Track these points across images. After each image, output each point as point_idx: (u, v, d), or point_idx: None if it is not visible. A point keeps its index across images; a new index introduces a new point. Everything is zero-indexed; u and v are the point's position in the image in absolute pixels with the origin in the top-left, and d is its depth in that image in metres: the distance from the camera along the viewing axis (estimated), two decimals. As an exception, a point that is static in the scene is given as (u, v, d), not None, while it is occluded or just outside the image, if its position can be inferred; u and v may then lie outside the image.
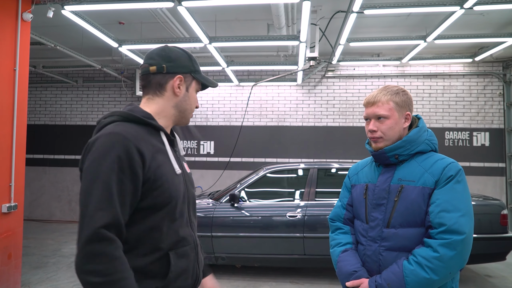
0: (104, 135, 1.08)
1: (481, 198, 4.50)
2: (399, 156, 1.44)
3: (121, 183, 1.03)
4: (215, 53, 5.60)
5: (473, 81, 7.15)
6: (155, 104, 1.24)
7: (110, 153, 1.03)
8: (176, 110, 1.26)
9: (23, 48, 3.71)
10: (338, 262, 1.51)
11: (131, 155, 1.05)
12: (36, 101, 8.22)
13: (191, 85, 1.28)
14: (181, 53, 1.27)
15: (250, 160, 7.53)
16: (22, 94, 3.72)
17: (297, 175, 4.90)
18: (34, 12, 3.82)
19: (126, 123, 1.14)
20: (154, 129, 1.20)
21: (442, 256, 1.26)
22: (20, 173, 3.71)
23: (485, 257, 4.17)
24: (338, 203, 1.68)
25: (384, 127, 1.45)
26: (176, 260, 1.14)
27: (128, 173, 1.04)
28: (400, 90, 1.48)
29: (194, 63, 1.28)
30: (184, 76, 1.25)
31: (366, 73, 7.37)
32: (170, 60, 1.23)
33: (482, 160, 7.01)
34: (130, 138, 1.07)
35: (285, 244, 4.27)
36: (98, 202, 1.00)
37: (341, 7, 4.84)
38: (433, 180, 1.36)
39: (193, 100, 1.29)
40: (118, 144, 1.05)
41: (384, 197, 1.43)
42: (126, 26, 5.65)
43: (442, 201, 1.32)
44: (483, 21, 5.38)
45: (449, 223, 1.28)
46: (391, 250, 1.39)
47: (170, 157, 1.19)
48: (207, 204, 4.55)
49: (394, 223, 1.39)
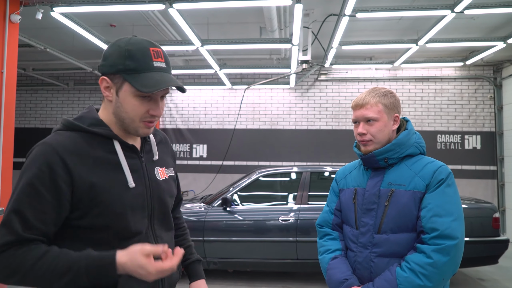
0: (37, 145, 1.02)
1: (472, 201, 4.51)
2: (388, 160, 1.41)
3: (37, 196, 0.94)
4: (208, 56, 5.58)
5: (464, 85, 7.21)
6: (103, 109, 1.11)
7: (33, 166, 0.97)
8: (115, 118, 1.08)
9: (11, 50, 3.65)
10: (328, 269, 1.46)
11: (53, 168, 0.96)
12: (27, 104, 8.11)
13: (122, 88, 1.03)
14: (116, 48, 1.03)
15: (243, 163, 7.50)
16: (10, 97, 3.65)
17: (290, 178, 4.88)
18: (23, 14, 3.77)
19: (68, 132, 1.04)
20: (102, 138, 1.06)
21: (436, 262, 1.24)
22: (7, 178, 3.63)
23: (477, 261, 4.18)
24: (325, 208, 1.63)
25: (374, 129, 1.42)
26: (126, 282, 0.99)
27: (50, 187, 0.95)
28: (388, 92, 1.46)
29: (127, 60, 1.01)
30: (112, 77, 1.03)
31: (359, 76, 7.39)
32: (104, 58, 1.05)
33: (473, 163, 7.06)
34: (58, 150, 0.97)
35: (277, 248, 4.23)
36: (6, 216, 0.94)
37: (334, 11, 4.85)
38: (424, 184, 1.34)
39: (129, 107, 1.04)
40: (42, 157, 0.97)
41: (374, 202, 1.40)
42: (117, 28, 5.60)
43: (434, 205, 1.30)
44: (473, 25, 5.43)
45: (441, 228, 1.26)
46: (382, 256, 1.36)
47: (123, 167, 1.05)
48: (199, 208, 4.50)
49: (385, 229, 1.36)
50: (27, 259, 0.91)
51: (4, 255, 0.91)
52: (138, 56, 1.02)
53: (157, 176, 1.17)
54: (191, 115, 7.73)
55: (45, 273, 0.91)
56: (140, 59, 1.02)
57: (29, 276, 0.92)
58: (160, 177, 1.18)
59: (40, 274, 0.91)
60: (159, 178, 1.17)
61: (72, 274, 0.91)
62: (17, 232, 0.92)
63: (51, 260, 0.92)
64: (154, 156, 1.19)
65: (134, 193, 1.06)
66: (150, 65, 1.03)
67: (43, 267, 0.91)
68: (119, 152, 1.06)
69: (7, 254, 0.91)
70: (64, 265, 0.92)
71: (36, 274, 0.91)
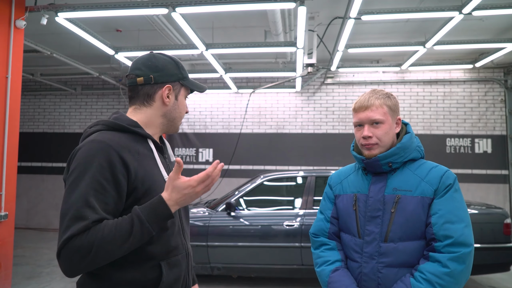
0: (87, 143, 1.08)
1: (483, 207, 4.39)
2: (392, 164, 1.35)
3: (101, 189, 1.01)
4: (212, 60, 5.57)
5: (474, 87, 7.08)
6: (142, 114, 1.23)
7: (92, 162, 1.03)
8: (164, 119, 1.25)
9: (16, 55, 3.67)
10: (330, 283, 1.36)
11: (113, 163, 1.04)
12: (35, 109, 8.21)
13: (180, 92, 1.26)
14: (168, 61, 1.24)
15: (249, 167, 7.45)
16: (15, 102, 3.67)
17: (295, 183, 4.81)
18: (30, 20, 3.80)
19: (111, 131, 1.14)
20: (140, 137, 1.19)
21: (453, 271, 1.18)
22: (11, 182, 3.64)
23: (488, 268, 4.06)
24: (319, 215, 1.53)
25: (380, 132, 1.35)
26: (168, 270, 1.12)
27: (111, 180, 1.03)
28: (389, 94, 1.41)
29: (182, 70, 1.26)
30: (173, 84, 1.23)
31: (366, 79, 7.31)
32: (157, 69, 1.21)
33: (484, 167, 6.90)
34: (113, 146, 1.06)
35: (282, 254, 4.17)
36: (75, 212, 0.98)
37: (339, 13, 4.81)
38: (432, 189, 1.28)
39: (182, 108, 1.28)
40: (101, 152, 1.04)
41: (380, 209, 1.33)
42: (123, 33, 5.64)
43: (445, 211, 1.24)
44: (482, 27, 5.33)
45: (455, 235, 1.21)
46: (391, 267, 1.28)
47: (158, 164, 1.19)
48: (202, 213, 4.47)
49: (393, 237, 1.29)
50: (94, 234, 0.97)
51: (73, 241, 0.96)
52: (183, 67, 1.29)
53: None
54: (197, 119, 7.73)
55: (113, 237, 0.98)
56: (185, 69, 1.29)
57: (100, 248, 0.96)
58: None
59: (108, 241, 0.97)
60: None
61: (135, 227, 0.99)
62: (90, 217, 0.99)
63: (113, 226, 0.99)
64: (171, 157, 1.35)
65: None
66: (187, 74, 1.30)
67: (110, 234, 0.97)
68: (153, 149, 1.20)
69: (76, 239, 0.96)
70: (124, 224, 1.00)
71: (105, 242, 0.97)
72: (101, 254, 0.97)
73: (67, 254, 0.96)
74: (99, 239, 0.97)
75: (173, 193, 1.05)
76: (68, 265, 0.97)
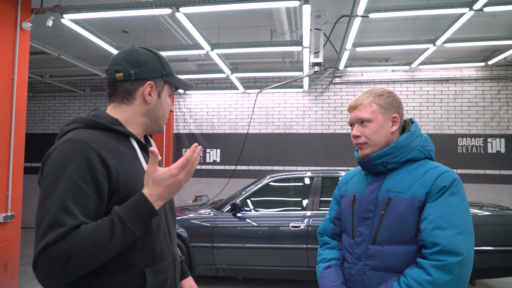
0: (62, 142, 0.99)
1: (496, 208, 4.26)
2: (387, 164, 1.30)
3: (80, 192, 0.93)
4: (218, 60, 5.54)
5: (486, 86, 6.91)
6: (123, 112, 1.14)
7: (69, 163, 0.94)
8: (147, 118, 1.16)
9: (22, 57, 3.70)
10: (320, 279, 1.39)
11: (93, 163, 0.96)
12: (45, 110, 8.31)
13: (163, 90, 1.17)
14: (150, 56, 1.16)
15: (256, 168, 7.41)
16: (21, 103, 3.70)
17: (301, 183, 4.75)
18: (36, 22, 3.83)
19: (89, 129, 1.05)
20: (122, 136, 1.10)
21: (435, 280, 1.10)
22: (17, 183, 3.67)
23: (501, 271, 3.92)
24: (327, 215, 1.57)
25: (368, 131, 1.32)
26: (153, 278, 1.04)
27: (91, 182, 0.95)
28: (385, 92, 1.35)
29: (166, 66, 1.18)
30: (155, 81, 1.15)
31: (375, 78, 7.20)
32: (138, 65, 1.12)
33: (497, 168, 6.73)
34: (91, 145, 0.98)
35: (288, 255, 4.12)
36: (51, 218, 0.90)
37: (346, 12, 4.73)
38: (424, 192, 1.21)
39: (166, 106, 1.19)
40: (78, 152, 0.96)
41: (371, 210, 1.29)
42: (130, 34, 5.66)
43: (436, 216, 1.16)
44: (494, 23, 5.19)
45: (443, 242, 1.12)
46: (376, 270, 1.25)
47: (142, 163, 1.11)
48: (208, 213, 4.44)
49: (380, 240, 1.25)
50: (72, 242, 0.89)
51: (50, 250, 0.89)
52: (167, 62, 1.21)
53: None
54: (205, 119, 7.72)
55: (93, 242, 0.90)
56: (169, 65, 1.21)
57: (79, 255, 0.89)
58: None
59: (87, 247, 0.89)
60: None
61: (116, 229, 0.91)
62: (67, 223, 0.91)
63: (92, 231, 0.91)
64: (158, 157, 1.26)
65: None
66: (172, 70, 1.22)
67: (89, 239, 0.90)
68: (137, 148, 1.13)
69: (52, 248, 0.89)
70: (104, 227, 0.92)
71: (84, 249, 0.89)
72: (81, 261, 0.89)
73: (44, 264, 0.88)
74: (78, 246, 0.89)
75: (154, 187, 0.96)
76: (46, 276, 0.89)
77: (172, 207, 1.24)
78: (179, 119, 7.80)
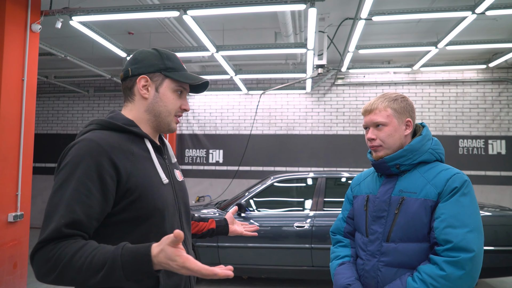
0: (78, 142, 1.03)
1: (497, 209, 4.32)
2: (400, 166, 1.37)
3: (86, 191, 0.96)
4: (223, 61, 5.60)
5: (487, 88, 6.97)
6: (130, 111, 1.18)
7: (80, 162, 0.98)
8: (150, 115, 1.17)
9: (32, 58, 3.75)
10: (335, 275, 1.46)
11: (101, 164, 0.99)
12: (49, 111, 8.36)
13: (163, 84, 1.15)
14: (150, 52, 1.18)
15: (259, 169, 7.47)
16: (30, 104, 3.75)
17: (305, 184, 4.81)
18: (44, 23, 3.88)
19: (105, 131, 1.09)
20: (137, 137, 1.13)
21: (449, 275, 1.17)
22: (27, 182, 3.72)
23: (502, 271, 3.97)
24: (339, 215, 1.64)
25: (383, 134, 1.39)
26: (166, 279, 1.06)
27: (97, 182, 0.98)
28: (399, 97, 1.42)
29: (166, 60, 1.16)
30: (151, 75, 1.15)
31: (377, 80, 7.26)
32: (135, 62, 1.16)
33: (498, 169, 6.79)
34: (103, 146, 1.01)
35: (292, 255, 4.17)
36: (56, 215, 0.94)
37: (349, 14, 4.79)
38: (436, 192, 1.28)
39: (167, 101, 1.16)
40: (89, 152, 0.99)
41: (385, 209, 1.36)
42: (135, 36, 5.71)
43: (448, 216, 1.23)
44: (496, 26, 5.25)
45: (455, 239, 1.19)
46: (390, 266, 1.32)
47: (156, 165, 1.12)
48: (213, 213, 4.49)
49: (394, 237, 1.32)
50: (65, 252, 0.90)
51: (44, 249, 0.92)
52: (173, 58, 1.18)
53: (177, 177, 1.25)
54: (208, 120, 7.77)
55: (82, 266, 0.88)
56: (175, 60, 1.19)
57: (66, 271, 0.89)
58: (179, 179, 1.26)
59: (77, 268, 0.89)
60: (178, 179, 1.25)
61: (108, 266, 0.87)
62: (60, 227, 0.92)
63: (88, 253, 0.90)
64: (172, 159, 1.28)
65: (167, 190, 1.13)
66: (182, 66, 1.20)
67: (80, 260, 0.89)
68: (151, 150, 1.13)
69: (48, 248, 0.92)
70: (100, 257, 0.89)
71: (73, 267, 0.89)
72: (66, 277, 0.90)
73: (37, 261, 0.92)
74: (67, 261, 0.89)
75: (161, 253, 0.86)
76: (37, 273, 0.93)
77: (187, 209, 1.24)
78: (182, 120, 7.85)
